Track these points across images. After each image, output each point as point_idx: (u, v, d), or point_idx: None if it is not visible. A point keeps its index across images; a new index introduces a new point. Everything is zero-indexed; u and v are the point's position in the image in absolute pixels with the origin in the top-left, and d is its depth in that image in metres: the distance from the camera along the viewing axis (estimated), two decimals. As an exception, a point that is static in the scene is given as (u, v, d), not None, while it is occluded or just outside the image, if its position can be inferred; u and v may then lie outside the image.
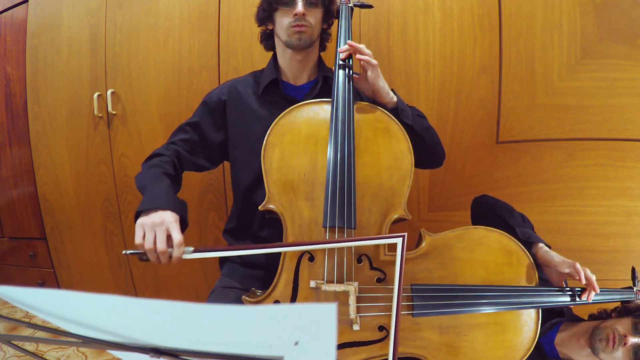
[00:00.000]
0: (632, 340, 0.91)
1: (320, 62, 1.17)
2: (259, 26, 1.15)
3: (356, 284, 0.83)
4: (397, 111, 0.98)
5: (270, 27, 1.12)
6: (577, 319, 1.10)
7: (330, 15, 1.12)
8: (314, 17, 1.06)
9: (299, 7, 1.01)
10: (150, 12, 1.62)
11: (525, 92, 1.42)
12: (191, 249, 0.79)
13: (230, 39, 1.56)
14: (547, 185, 1.45)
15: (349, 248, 0.85)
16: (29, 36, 1.77)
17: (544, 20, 1.38)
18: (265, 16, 1.10)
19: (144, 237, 0.81)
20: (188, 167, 1.12)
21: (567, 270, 0.94)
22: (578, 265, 0.92)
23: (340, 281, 0.84)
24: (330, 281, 0.83)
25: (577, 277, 0.91)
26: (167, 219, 0.82)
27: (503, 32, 1.40)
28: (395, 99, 0.99)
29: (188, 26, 1.59)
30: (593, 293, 0.92)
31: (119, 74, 1.68)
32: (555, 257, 0.97)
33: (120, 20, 1.65)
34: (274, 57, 1.16)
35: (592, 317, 1.07)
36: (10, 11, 1.82)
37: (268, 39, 1.16)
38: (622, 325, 0.95)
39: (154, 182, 0.94)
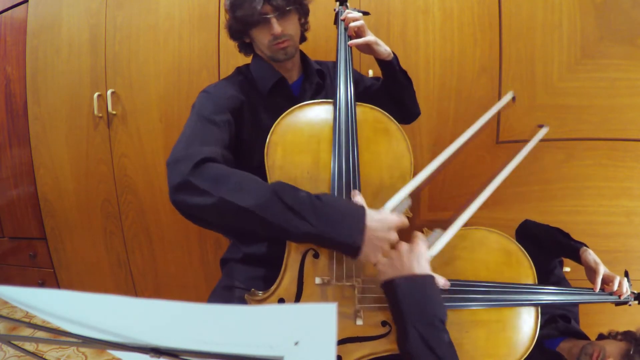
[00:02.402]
0: None
1: (302, 55, 1.16)
2: (233, 40, 1.10)
3: (360, 279, 0.83)
4: (391, 64, 1.09)
5: (247, 40, 1.09)
6: (583, 337, 1.12)
7: (305, 11, 1.09)
8: (292, 25, 1.03)
9: (275, 28, 0.98)
10: (150, 12, 1.62)
11: (525, 92, 1.42)
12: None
13: (230, 39, 1.56)
14: (547, 185, 1.45)
15: None
16: (29, 36, 1.78)
17: (544, 20, 1.38)
18: (239, 34, 1.06)
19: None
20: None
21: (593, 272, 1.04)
22: (599, 275, 1.01)
23: (345, 277, 0.85)
24: (336, 277, 0.84)
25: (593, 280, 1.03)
26: (384, 228, 0.78)
27: (503, 32, 1.40)
28: (392, 55, 1.09)
29: (188, 26, 1.59)
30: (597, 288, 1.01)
31: (119, 74, 1.68)
32: (590, 261, 1.06)
33: (120, 20, 1.65)
34: (259, 57, 1.12)
35: (600, 337, 1.10)
36: (10, 11, 1.82)
37: (247, 48, 1.13)
38: (615, 346, 0.98)
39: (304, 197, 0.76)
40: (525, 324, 0.89)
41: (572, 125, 1.41)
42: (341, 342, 0.83)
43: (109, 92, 1.67)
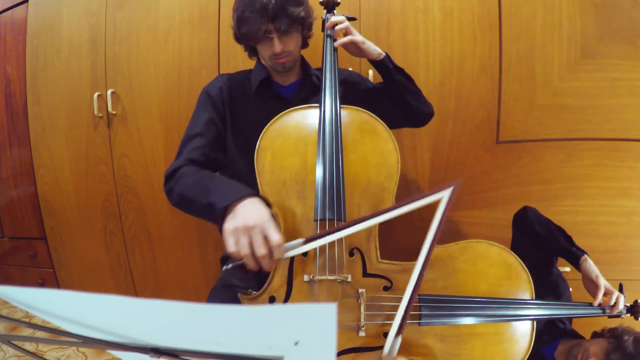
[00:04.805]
0: None
1: (302, 60, 1.20)
2: (238, 42, 1.16)
3: (349, 276, 0.85)
4: (383, 63, 1.09)
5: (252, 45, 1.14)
6: (578, 336, 1.12)
7: (309, 27, 1.13)
8: (293, 42, 1.08)
9: (276, 47, 1.04)
10: (150, 12, 1.62)
11: (525, 92, 1.42)
12: (301, 240, 0.72)
13: (230, 39, 1.54)
14: (547, 185, 1.45)
15: (340, 241, 0.88)
16: (29, 36, 1.77)
17: (544, 20, 1.38)
18: (244, 43, 1.13)
19: (237, 243, 0.74)
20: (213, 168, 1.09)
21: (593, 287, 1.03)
22: (601, 291, 1.00)
23: (328, 271, 0.86)
24: (323, 274, 0.86)
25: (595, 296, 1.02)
26: (259, 218, 0.74)
27: (503, 32, 1.40)
28: (383, 54, 1.08)
29: (188, 26, 1.59)
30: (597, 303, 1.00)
31: (119, 74, 1.68)
32: (591, 273, 1.05)
33: (120, 20, 1.65)
34: (259, 60, 1.19)
35: (594, 335, 1.11)
36: (10, 11, 1.82)
37: (252, 51, 1.18)
38: (598, 346, 1.00)
39: (210, 181, 0.89)
40: (522, 336, 0.90)
41: (572, 125, 1.41)
42: (341, 353, 0.84)
43: (109, 92, 1.67)
